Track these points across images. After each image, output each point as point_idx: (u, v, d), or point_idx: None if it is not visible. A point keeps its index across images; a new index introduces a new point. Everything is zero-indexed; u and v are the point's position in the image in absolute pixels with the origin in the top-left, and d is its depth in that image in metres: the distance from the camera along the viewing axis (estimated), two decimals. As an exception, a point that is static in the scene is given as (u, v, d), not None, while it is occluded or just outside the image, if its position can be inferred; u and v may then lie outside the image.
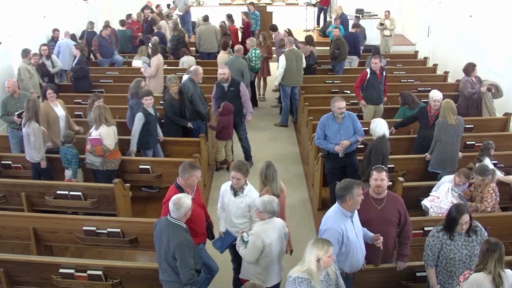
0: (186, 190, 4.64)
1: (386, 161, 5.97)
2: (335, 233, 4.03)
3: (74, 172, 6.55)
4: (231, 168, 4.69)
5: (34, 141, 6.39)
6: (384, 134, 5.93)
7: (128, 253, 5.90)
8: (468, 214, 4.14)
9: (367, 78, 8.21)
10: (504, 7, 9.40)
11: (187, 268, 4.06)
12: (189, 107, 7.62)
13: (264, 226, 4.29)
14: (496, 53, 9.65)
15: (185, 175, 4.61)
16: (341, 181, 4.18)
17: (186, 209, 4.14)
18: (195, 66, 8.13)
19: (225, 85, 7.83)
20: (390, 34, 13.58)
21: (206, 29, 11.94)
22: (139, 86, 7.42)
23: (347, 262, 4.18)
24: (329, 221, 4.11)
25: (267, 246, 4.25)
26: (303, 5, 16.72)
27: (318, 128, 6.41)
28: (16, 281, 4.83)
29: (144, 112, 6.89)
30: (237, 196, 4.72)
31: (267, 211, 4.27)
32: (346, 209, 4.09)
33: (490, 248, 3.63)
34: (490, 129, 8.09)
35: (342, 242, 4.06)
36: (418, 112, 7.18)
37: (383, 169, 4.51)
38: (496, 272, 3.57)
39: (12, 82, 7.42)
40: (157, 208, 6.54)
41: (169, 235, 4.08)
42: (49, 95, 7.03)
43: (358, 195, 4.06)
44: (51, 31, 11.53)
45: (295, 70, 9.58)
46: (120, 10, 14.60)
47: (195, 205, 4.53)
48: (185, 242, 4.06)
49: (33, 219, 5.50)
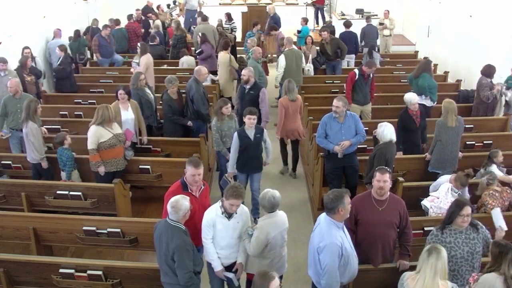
0: (191, 188, 4.56)
1: (390, 166, 5.94)
2: (335, 247, 3.91)
3: (68, 174, 6.53)
4: (228, 195, 4.23)
5: (33, 142, 6.38)
6: (391, 139, 5.88)
7: (128, 253, 5.90)
8: (470, 207, 4.16)
9: (355, 79, 8.18)
10: (504, 7, 9.41)
11: (185, 270, 4.05)
12: (191, 107, 7.63)
13: (268, 221, 4.37)
14: (496, 53, 9.65)
15: (185, 168, 4.59)
16: (329, 193, 4.08)
17: (184, 211, 4.13)
18: (199, 66, 8.07)
19: (246, 87, 7.64)
20: (389, 34, 13.57)
21: (204, 29, 11.88)
22: (137, 78, 7.51)
23: (345, 273, 4.10)
24: (325, 236, 3.95)
25: (272, 239, 4.30)
26: (303, 5, 16.74)
27: (319, 127, 6.41)
28: (16, 281, 4.83)
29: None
30: (231, 218, 4.39)
31: (265, 206, 4.37)
32: (338, 220, 4.00)
33: (502, 250, 3.68)
34: (490, 129, 8.09)
35: (341, 255, 3.97)
36: (403, 118, 6.84)
37: (387, 171, 4.48)
38: (509, 274, 3.62)
39: (14, 82, 7.34)
40: (157, 208, 6.55)
41: (168, 237, 4.08)
42: (120, 95, 6.87)
43: (348, 203, 4.00)
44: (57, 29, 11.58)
45: (295, 70, 9.58)
46: (120, 10, 14.61)
47: (199, 206, 4.47)
48: (183, 244, 4.05)
49: (33, 219, 5.50)
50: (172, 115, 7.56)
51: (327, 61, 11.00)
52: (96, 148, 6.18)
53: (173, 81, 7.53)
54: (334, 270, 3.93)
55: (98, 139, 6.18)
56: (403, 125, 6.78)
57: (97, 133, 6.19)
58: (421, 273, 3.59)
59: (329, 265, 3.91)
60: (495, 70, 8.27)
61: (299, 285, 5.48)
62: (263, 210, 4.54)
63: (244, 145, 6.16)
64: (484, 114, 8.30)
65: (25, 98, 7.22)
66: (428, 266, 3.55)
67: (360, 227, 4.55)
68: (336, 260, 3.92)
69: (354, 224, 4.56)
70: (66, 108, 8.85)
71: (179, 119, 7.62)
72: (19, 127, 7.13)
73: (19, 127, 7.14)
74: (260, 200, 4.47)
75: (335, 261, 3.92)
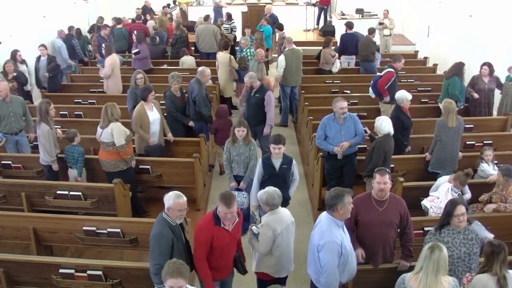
0: (224, 222, 4.17)
1: (388, 160, 5.98)
2: (335, 246, 3.91)
3: (80, 171, 6.53)
4: (164, 274, 3.43)
5: (44, 144, 6.35)
6: (389, 131, 5.95)
7: (128, 253, 5.90)
8: (464, 206, 4.15)
9: (393, 79, 8.22)
10: (504, 7, 9.41)
11: (154, 261, 4.01)
12: (193, 108, 7.64)
13: (273, 217, 4.38)
14: (496, 53, 9.65)
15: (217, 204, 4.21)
16: (331, 190, 4.09)
17: (169, 204, 4.05)
18: (203, 67, 8.06)
19: (252, 90, 7.46)
20: (389, 33, 13.57)
21: (204, 28, 11.90)
22: (135, 76, 7.66)
23: (345, 272, 4.09)
24: (325, 234, 3.95)
25: (278, 235, 4.30)
26: (303, 5, 16.73)
27: (319, 129, 6.41)
28: (16, 281, 4.82)
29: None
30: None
31: (269, 204, 4.37)
32: (337, 218, 4.00)
33: (494, 250, 3.64)
34: (490, 129, 8.08)
35: (341, 254, 3.97)
36: (401, 117, 6.76)
37: (386, 172, 4.46)
38: (502, 274, 3.59)
39: (4, 85, 7.12)
40: (157, 208, 6.54)
41: (153, 226, 4.11)
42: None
43: (349, 203, 3.99)
44: (67, 29, 11.69)
45: (294, 70, 9.58)
46: (120, 10, 14.62)
47: (230, 239, 4.24)
48: (159, 235, 4.00)
49: (33, 219, 5.50)
50: (176, 112, 7.59)
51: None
52: (126, 143, 6.24)
53: (176, 77, 7.61)
54: (334, 268, 3.93)
55: (125, 133, 6.26)
56: (402, 123, 6.76)
57: (123, 128, 6.25)
58: (423, 271, 3.56)
59: (329, 263, 3.91)
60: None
61: (299, 284, 5.48)
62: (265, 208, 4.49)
63: (268, 175, 5.41)
64: (479, 113, 8.32)
65: (16, 101, 7.21)
66: (431, 263, 3.52)
67: (360, 228, 4.55)
68: (336, 258, 3.92)
69: (354, 224, 4.56)
70: (66, 108, 8.85)
71: (181, 117, 7.63)
72: (13, 131, 7.13)
73: (13, 131, 7.14)
74: (261, 198, 4.43)
75: (335, 259, 3.92)
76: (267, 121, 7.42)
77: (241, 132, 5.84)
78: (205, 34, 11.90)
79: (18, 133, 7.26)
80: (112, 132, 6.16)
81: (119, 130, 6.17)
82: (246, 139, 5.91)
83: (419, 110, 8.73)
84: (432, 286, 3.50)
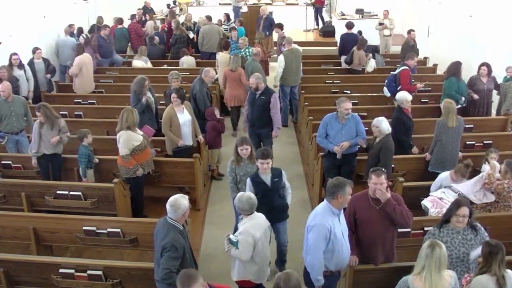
0: None
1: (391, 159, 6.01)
2: (323, 229, 4.07)
3: (83, 171, 6.54)
4: None
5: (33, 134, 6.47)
6: (389, 130, 6.03)
7: (128, 253, 5.90)
8: (468, 208, 4.15)
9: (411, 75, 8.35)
10: (504, 7, 9.41)
11: (166, 269, 3.99)
12: (193, 105, 7.69)
13: (251, 222, 4.41)
14: (496, 53, 9.65)
15: None
16: (333, 178, 4.21)
17: (184, 210, 4.13)
18: (209, 67, 8.29)
19: (257, 93, 7.28)
20: (389, 33, 13.57)
21: (209, 29, 11.99)
22: (142, 84, 7.36)
23: (332, 259, 4.22)
24: (317, 217, 4.13)
25: (258, 240, 4.34)
26: (303, 5, 16.72)
27: (320, 126, 6.43)
28: (16, 281, 4.83)
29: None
30: None
31: (240, 209, 4.42)
32: (335, 207, 4.13)
33: (492, 250, 3.64)
34: (490, 129, 8.09)
35: (329, 239, 4.10)
36: (403, 119, 6.78)
37: (382, 172, 4.47)
38: (500, 274, 3.59)
39: (6, 85, 7.14)
40: (157, 208, 6.55)
41: (163, 234, 4.09)
42: (173, 99, 6.85)
43: (349, 193, 4.12)
44: (69, 26, 11.64)
45: (294, 70, 9.59)
46: (120, 10, 14.61)
47: None
48: (173, 242, 4.01)
49: (33, 219, 5.51)
50: None
51: None
52: (129, 154, 6.09)
53: (175, 75, 7.74)
54: (319, 251, 4.09)
55: (132, 144, 6.09)
56: (404, 124, 6.77)
57: (130, 138, 6.10)
58: (426, 270, 3.56)
59: (314, 245, 4.08)
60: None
61: (299, 284, 5.47)
62: (241, 214, 4.51)
63: (261, 193, 5.02)
64: (478, 113, 8.33)
65: (18, 101, 7.22)
66: (433, 261, 3.53)
67: (358, 226, 4.57)
68: (323, 241, 4.07)
69: (353, 223, 4.57)
70: (66, 108, 8.85)
71: None
72: (14, 130, 7.15)
73: (14, 131, 7.16)
74: (237, 204, 4.44)
75: (321, 243, 4.07)
76: (275, 123, 7.33)
77: (245, 151, 5.40)
78: (211, 34, 11.92)
79: (19, 133, 7.28)
80: (119, 140, 6.15)
81: (125, 140, 6.09)
82: (252, 157, 5.43)
83: (419, 110, 8.73)
84: (437, 283, 3.52)
